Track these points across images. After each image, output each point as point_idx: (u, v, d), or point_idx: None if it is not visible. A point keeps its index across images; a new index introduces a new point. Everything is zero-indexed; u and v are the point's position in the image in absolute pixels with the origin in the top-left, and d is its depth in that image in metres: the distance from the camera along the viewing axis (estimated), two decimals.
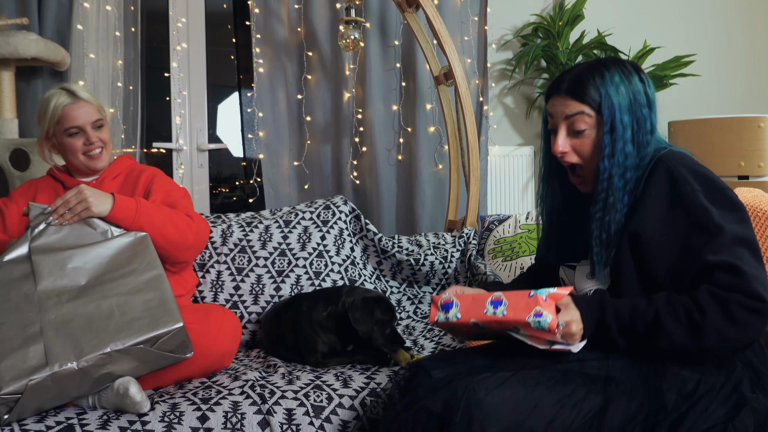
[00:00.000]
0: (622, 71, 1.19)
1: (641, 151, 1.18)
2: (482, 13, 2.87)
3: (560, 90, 1.22)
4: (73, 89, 1.68)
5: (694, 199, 1.10)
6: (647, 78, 1.22)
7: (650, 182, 1.15)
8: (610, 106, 1.16)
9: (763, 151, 2.27)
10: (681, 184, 1.12)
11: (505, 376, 1.08)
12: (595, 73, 1.19)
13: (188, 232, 1.63)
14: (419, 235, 2.36)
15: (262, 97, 2.72)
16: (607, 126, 1.17)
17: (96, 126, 1.68)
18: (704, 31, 3.16)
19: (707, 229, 1.08)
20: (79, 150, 1.67)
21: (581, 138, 1.21)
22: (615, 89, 1.17)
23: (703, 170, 1.14)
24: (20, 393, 1.19)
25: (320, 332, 1.64)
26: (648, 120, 1.19)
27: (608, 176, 1.18)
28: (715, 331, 1.03)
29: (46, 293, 1.34)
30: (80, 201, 1.47)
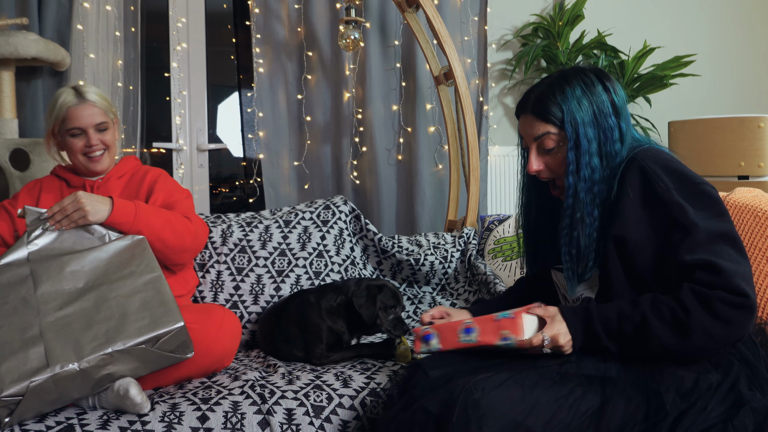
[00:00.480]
0: (583, 83, 1.19)
1: (610, 162, 1.18)
2: (482, 13, 2.87)
3: (526, 109, 1.24)
4: (82, 90, 1.68)
5: (669, 197, 1.10)
6: (613, 84, 1.21)
7: (624, 183, 1.15)
8: (573, 122, 1.17)
9: (763, 151, 2.27)
10: (654, 182, 1.11)
11: (504, 377, 1.08)
12: (556, 89, 1.19)
13: (186, 236, 1.64)
14: (419, 235, 2.36)
15: (262, 97, 2.72)
16: (571, 142, 1.17)
17: (99, 129, 1.68)
18: (704, 31, 3.17)
19: (683, 228, 1.08)
20: (79, 151, 1.68)
21: (552, 155, 1.22)
22: (577, 104, 1.17)
23: (676, 166, 1.13)
24: (21, 395, 1.18)
25: (328, 320, 1.65)
26: (615, 129, 1.18)
27: (573, 192, 1.18)
28: (700, 329, 1.03)
29: (45, 297, 1.34)
30: (77, 209, 1.47)
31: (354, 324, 1.66)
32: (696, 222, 1.07)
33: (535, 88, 1.24)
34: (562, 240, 1.20)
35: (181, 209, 1.71)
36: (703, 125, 2.40)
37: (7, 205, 1.69)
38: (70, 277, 1.38)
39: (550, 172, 1.24)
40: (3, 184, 2.16)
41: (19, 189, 2.03)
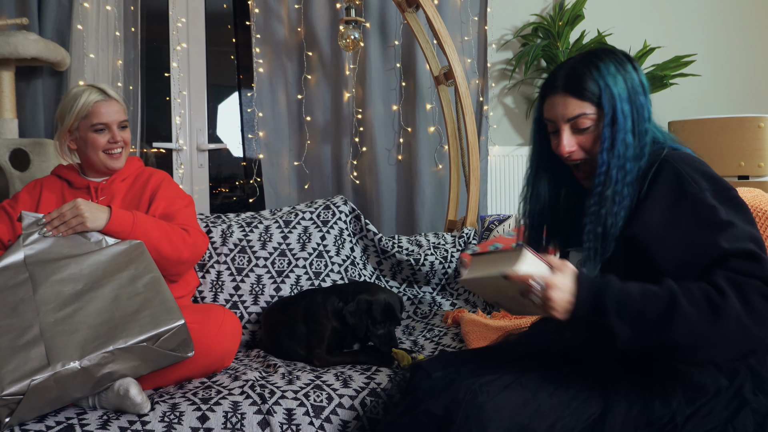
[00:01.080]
0: (616, 60, 1.16)
1: (641, 140, 1.15)
2: (482, 13, 2.87)
3: (556, 88, 1.18)
4: (104, 88, 1.71)
5: (702, 198, 1.06)
6: (638, 65, 1.19)
7: (655, 183, 1.11)
8: (610, 98, 1.14)
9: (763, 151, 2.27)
10: (688, 184, 1.08)
11: (508, 380, 1.07)
12: (590, 65, 1.16)
13: (183, 248, 1.64)
14: (419, 235, 2.36)
15: (262, 97, 2.72)
16: (608, 118, 1.14)
17: (121, 126, 1.72)
18: (704, 31, 3.16)
19: (717, 225, 1.03)
20: (101, 147, 1.68)
21: (587, 134, 1.18)
22: (613, 80, 1.14)
23: (709, 170, 1.11)
24: (22, 394, 1.18)
25: (334, 321, 1.66)
26: (645, 107, 1.16)
27: (606, 169, 1.14)
28: (734, 315, 0.94)
29: (44, 299, 1.34)
30: (75, 215, 1.48)
31: (351, 329, 1.67)
32: (732, 221, 1.02)
33: (562, 66, 1.20)
34: (587, 218, 1.15)
35: (181, 219, 1.71)
36: (703, 125, 2.40)
37: (6, 206, 1.68)
38: (68, 279, 1.39)
39: (583, 153, 1.20)
40: (3, 184, 2.16)
41: (19, 189, 2.03)
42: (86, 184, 1.72)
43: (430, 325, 2.00)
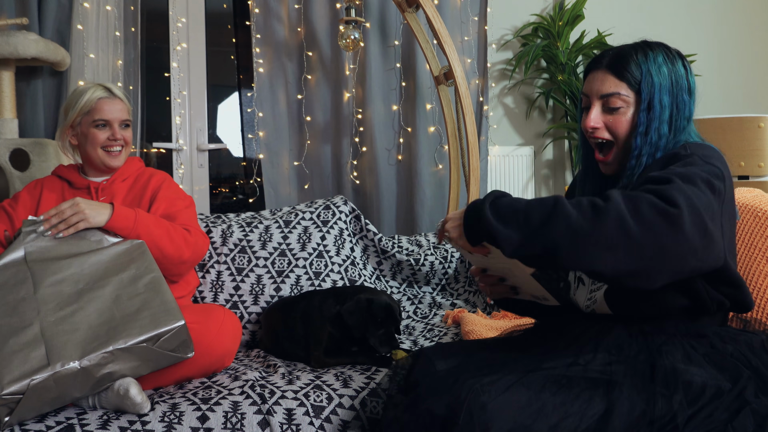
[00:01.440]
0: (666, 53, 1.18)
1: (677, 135, 1.16)
2: (482, 13, 2.87)
3: (601, 64, 1.20)
4: (110, 86, 1.73)
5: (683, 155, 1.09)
6: (690, 67, 1.20)
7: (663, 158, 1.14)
8: (650, 84, 1.15)
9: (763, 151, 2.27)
10: (683, 149, 1.11)
11: (511, 380, 1.07)
12: (639, 51, 1.18)
13: (184, 248, 1.64)
14: (419, 235, 2.36)
15: (262, 97, 2.72)
16: (644, 104, 1.15)
17: (123, 125, 1.73)
18: (704, 31, 3.17)
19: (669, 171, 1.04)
20: (101, 143, 1.69)
21: (616, 115, 1.19)
22: (657, 69, 1.15)
23: (712, 154, 1.11)
24: (22, 393, 1.18)
25: (330, 325, 1.65)
26: (687, 106, 1.17)
27: (638, 154, 1.15)
28: (616, 216, 0.93)
29: (44, 298, 1.34)
30: (76, 212, 1.48)
31: (348, 332, 1.65)
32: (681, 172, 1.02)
33: (613, 48, 1.22)
34: None
35: (182, 219, 1.71)
36: (704, 125, 2.39)
37: (6, 206, 1.68)
38: (69, 278, 1.38)
39: (608, 133, 1.20)
40: (3, 184, 2.16)
41: (19, 189, 2.03)
42: (86, 184, 1.72)
43: (430, 325, 2.00)
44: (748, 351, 1.15)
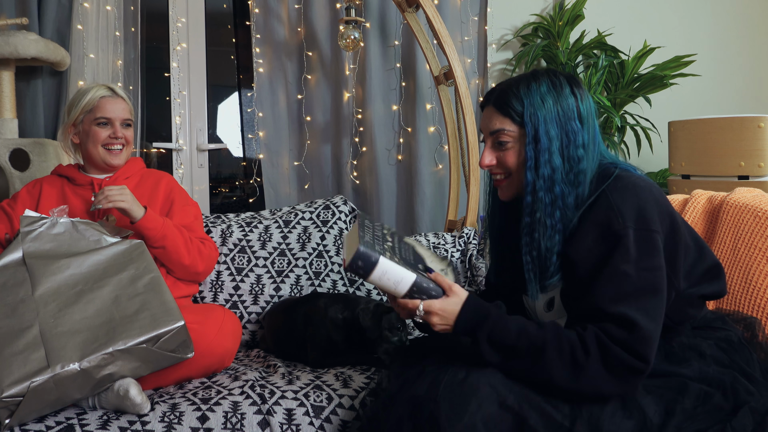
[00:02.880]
0: (551, 82, 1.16)
1: (573, 167, 1.13)
2: (482, 13, 2.87)
3: (489, 101, 1.21)
4: (113, 87, 1.77)
5: (622, 235, 1.06)
6: (582, 92, 1.17)
7: (591, 210, 1.12)
8: (532, 117, 1.13)
9: (763, 151, 2.27)
10: (613, 218, 1.08)
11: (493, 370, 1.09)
12: (522, 84, 1.16)
13: (199, 261, 1.73)
14: (419, 235, 2.36)
15: (262, 97, 2.72)
16: (529, 137, 1.14)
17: (124, 124, 1.75)
18: (704, 31, 3.16)
19: (616, 274, 1.05)
20: (101, 141, 1.71)
21: (504, 150, 1.19)
22: (540, 100, 1.14)
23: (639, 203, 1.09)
24: (22, 396, 1.18)
25: (331, 330, 1.65)
26: (579, 135, 1.14)
27: (532, 189, 1.14)
28: (592, 377, 1.02)
29: (43, 298, 1.34)
30: (121, 194, 1.56)
31: (354, 339, 1.65)
32: (628, 272, 1.04)
33: (503, 82, 1.22)
34: (523, 240, 1.17)
35: (197, 231, 1.79)
36: (703, 125, 2.39)
37: (6, 206, 1.68)
38: (68, 279, 1.38)
39: (502, 169, 1.21)
40: (3, 184, 2.16)
41: (19, 189, 2.03)
42: (89, 180, 1.73)
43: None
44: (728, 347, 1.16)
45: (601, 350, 1.02)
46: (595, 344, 1.02)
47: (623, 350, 1.01)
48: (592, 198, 1.12)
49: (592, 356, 1.02)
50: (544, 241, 1.13)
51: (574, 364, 1.03)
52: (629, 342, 1.01)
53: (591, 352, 1.02)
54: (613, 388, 1.02)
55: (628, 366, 1.01)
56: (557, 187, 1.13)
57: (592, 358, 1.02)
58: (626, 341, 1.01)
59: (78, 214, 1.66)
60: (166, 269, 1.72)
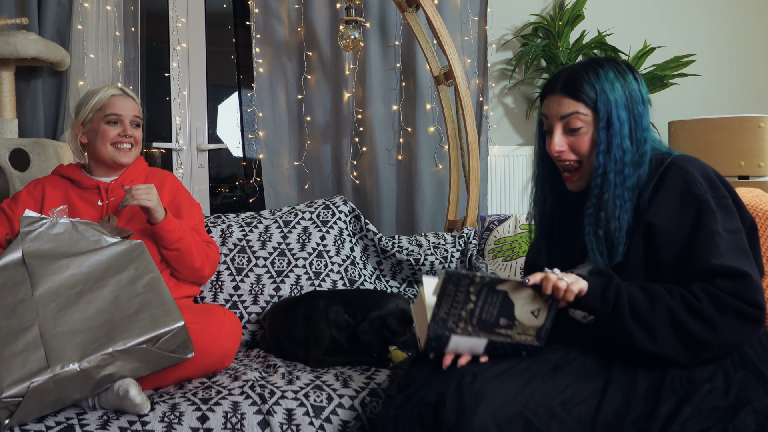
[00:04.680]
0: (616, 69, 1.20)
1: (639, 148, 1.18)
2: (482, 13, 2.86)
3: (555, 89, 1.23)
4: (123, 87, 1.79)
5: (705, 199, 1.11)
6: (640, 77, 1.22)
7: (664, 181, 1.16)
8: (606, 103, 1.17)
9: (763, 151, 2.27)
10: (693, 183, 1.13)
11: (501, 368, 1.08)
12: (590, 70, 1.20)
13: (206, 264, 1.76)
14: (419, 235, 2.36)
15: (262, 97, 2.72)
16: (603, 122, 1.18)
17: (134, 123, 1.76)
18: (704, 31, 3.16)
19: (711, 234, 1.09)
20: (111, 139, 1.71)
21: (577, 135, 1.21)
22: (610, 86, 1.18)
23: (711, 174, 1.16)
24: (22, 396, 1.18)
25: (333, 329, 1.66)
26: (644, 117, 1.19)
27: (603, 172, 1.18)
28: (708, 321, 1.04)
29: (43, 299, 1.34)
30: (148, 193, 1.60)
31: (356, 339, 1.66)
32: (721, 232, 1.09)
33: (565, 69, 1.25)
34: (587, 220, 1.20)
35: (202, 234, 1.81)
36: (703, 125, 2.39)
37: (5, 207, 1.68)
38: (68, 279, 1.38)
39: (573, 154, 1.23)
40: (3, 184, 2.16)
41: (19, 189, 2.03)
42: (95, 183, 1.72)
43: None
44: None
45: (711, 298, 1.05)
46: (703, 293, 1.05)
47: (733, 297, 1.04)
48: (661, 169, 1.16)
49: (703, 302, 1.04)
50: (613, 221, 1.17)
51: (687, 305, 1.05)
52: (739, 290, 1.04)
53: (701, 298, 1.05)
54: (732, 335, 1.04)
55: (741, 312, 1.03)
56: (627, 169, 1.17)
57: (704, 303, 1.04)
58: (736, 290, 1.04)
59: (85, 219, 1.65)
60: (170, 270, 1.72)
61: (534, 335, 1.13)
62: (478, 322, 1.10)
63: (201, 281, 1.82)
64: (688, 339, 1.06)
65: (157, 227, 1.62)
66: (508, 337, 1.12)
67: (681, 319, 1.05)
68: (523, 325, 1.12)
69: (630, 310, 1.08)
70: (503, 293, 1.09)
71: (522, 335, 1.12)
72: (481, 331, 1.11)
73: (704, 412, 1.03)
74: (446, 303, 1.08)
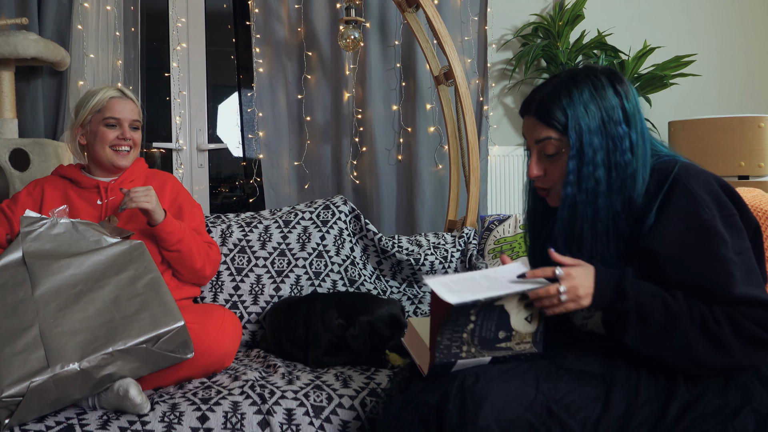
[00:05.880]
0: (593, 86, 1.10)
1: (620, 173, 1.09)
2: (482, 13, 2.87)
3: (529, 110, 1.17)
4: (123, 88, 1.78)
5: (713, 225, 1.04)
6: (626, 89, 1.11)
7: (668, 202, 1.08)
8: (577, 129, 1.09)
9: (763, 151, 2.27)
10: (700, 207, 1.05)
11: (501, 369, 1.08)
12: (563, 92, 1.11)
13: (207, 265, 1.75)
14: (419, 235, 2.36)
15: (262, 97, 2.72)
16: (573, 150, 1.09)
17: (133, 126, 1.75)
18: (704, 31, 3.16)
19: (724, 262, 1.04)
20: (109, 142, 1.71)
21: (553, 161, 1.15)
22: (584, 109, 1.09)
23: (716, 190, 1.08)
24: (22, 396, 1.18)
25: (330, 333, 1.66)
26: (625, 138, 1.09)
27: (571, 203, 1.10)
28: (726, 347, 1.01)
29: (43, 298, 1.34)
30: (146, 195, 1.59)
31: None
32: (733, 258, 1.04)
33: (541, 87, 1.17)
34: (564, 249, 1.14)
35: (203, 235, 1.81)
36: (703, 125, 2.39)
37: (5, 208, 1.68)
38: (68, 279, 1.38)
39: (549, 181, 1.18)
40: (3, 184, 2.16)
41: (19, 189, 2.03)
42: (95, 183, 1.72)
43: None
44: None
45: (732, 323, 1.01)
46: (724, 317, 1.01)
47: (755, 325, 1.00)
48: (665, 187, 1.09)
49: (724, 327, 1.01)
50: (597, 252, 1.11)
51: (706, 330, 1.01)
52: (760, 318, 1.01)
53: (722, 323, 1.01)
54: (742, 360, 1.01)
55: (759, 338, 1.00)
56: (601, 199, 1.09)
57: (724, 328, 1.01)
58: (758, 317, 1.01)
59: (84, 219, 1.65)
60: (172, 271, 1.72)
61: (531, 341, 1.12)
62: (479, 341, 1.10)
63: (202, 282, 1.81)
64: (698, 361, 1.03)
65: (157, 229, 1.62)
66: (509, 350, 1.11)
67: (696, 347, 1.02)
68: (520, 333, 1.11)
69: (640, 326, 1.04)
70: (500, 307, 1.09)
71: (521, 344, 1.12)
72: (483, 350, 1.11)
73: (706, 415, 1.03)
74: (448, 330, 1.07)
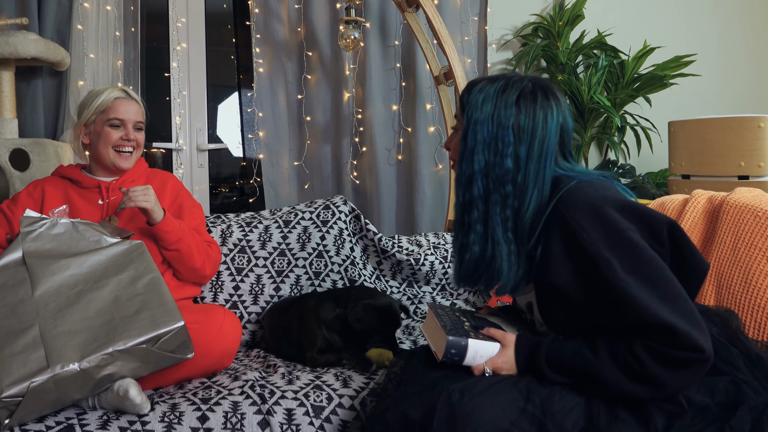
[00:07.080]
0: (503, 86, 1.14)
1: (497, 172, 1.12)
2: (482, 13, 2.87)
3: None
4: (127, 89, 1.78)
5: (594, 250, 1.03)
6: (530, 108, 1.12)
7: (549, 230, 1.09)
8: (469, 115, 1.16)
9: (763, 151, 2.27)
10: (577, 234, 1.05)
11: (487, 383, 1.08)
12: (485, 81, 1.18)
13: (207, 264, 1.75)
14: (419, 235, 2.36)
15: (262, 97, 2.72)
16: (462, 132, 1.17)
17: (137, 127, 1.75)
18: (704, 31, 3.16)
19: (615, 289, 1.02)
20: (113, 142, 1.71)
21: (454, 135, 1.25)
22: (480, 103, 1.14)
23: (599, 211, 1.05)
24: (21, 396, 1.18)
25: (324, 329, 1.65)
26: (510, 147, 1.11)
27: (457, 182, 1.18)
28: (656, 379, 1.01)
29: (43, 299, 1.34)
30: (145, 194, 1.59)
31: (348, 336, 1.65)
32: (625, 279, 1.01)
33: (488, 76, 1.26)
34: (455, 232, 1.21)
35: (203, 234, 1.81)
36: (703, 125, 2.39)
37: (5, 208, 1.68)
38: (68, 279, 1.38)
39: (454, 154, 1.24)
40: (3, 184, 2.16)
41: (19, 189, 2.03)
42: (96, 183, 1.72)
43: None
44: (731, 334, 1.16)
45: (653, 354, 1.00)
46: (645, 352, 1.01)
47: (672, 348, 0.99)
48: (546, 213, 1.10)
49: (647, 364, 1.00)
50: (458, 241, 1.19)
51: (632, 374, 1.02)
52: (676, 343, 0.99)
53: (644, 361, 1.01)
54: (680, 382, 1.01)
55: (684, 360, 0.99)
56: (475, 187, 1.14)
57: (648, 365, 1.00)
58: (673, 343, 0.99)
59: (85, 218, 1.65)
60: (172, 271, 1.72)
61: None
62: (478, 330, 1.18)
63: (202, 281, 1.81)
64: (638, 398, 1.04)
65: (156, 228, 1.62)
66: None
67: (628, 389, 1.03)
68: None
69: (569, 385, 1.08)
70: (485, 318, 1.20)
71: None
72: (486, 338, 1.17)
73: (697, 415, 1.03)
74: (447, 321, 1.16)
